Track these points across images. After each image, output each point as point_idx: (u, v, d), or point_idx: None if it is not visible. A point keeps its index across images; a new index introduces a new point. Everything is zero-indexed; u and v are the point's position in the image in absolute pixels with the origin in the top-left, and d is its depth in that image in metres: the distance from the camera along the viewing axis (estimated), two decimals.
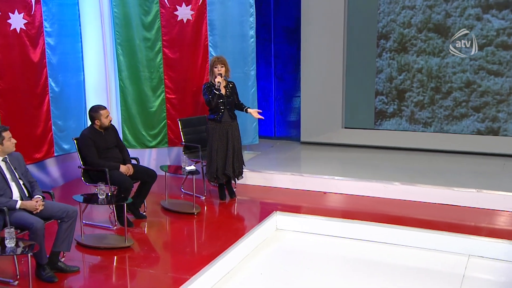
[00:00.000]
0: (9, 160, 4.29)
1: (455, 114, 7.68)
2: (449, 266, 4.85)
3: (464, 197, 5.89)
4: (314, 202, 6.18)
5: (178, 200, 6.19)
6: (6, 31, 5.91)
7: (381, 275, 4.71)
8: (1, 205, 4.09)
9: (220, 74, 5.80)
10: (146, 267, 4.49)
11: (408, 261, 4.99)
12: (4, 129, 4.24)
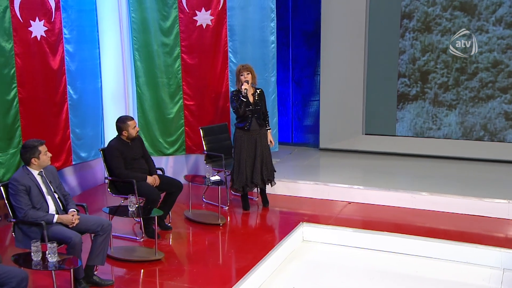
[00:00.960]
0: (44, 174, 4.51)
1: (481, 96, 7.85)
2: (484, 280, 5.08)
3: (494, 208, 6.11)
4: (340, 213, 6.42)
5: (202, 211, 6.42)
6: (28, 39, 6.13)
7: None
8: (39, 219, 4.32)
9: (247, 81, 5.99)
10: (180, 281, 4.72)
11: (440, 275, 5.24)
12: (40, 143, 4.46)
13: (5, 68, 5.89)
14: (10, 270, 3.73)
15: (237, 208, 6.57)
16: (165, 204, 5.73)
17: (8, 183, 4.45)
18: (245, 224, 6.16)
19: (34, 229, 4.35)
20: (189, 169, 7.75)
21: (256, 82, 6.25)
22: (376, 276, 5.21)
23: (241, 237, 5.76)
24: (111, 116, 7.45)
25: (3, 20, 5.81)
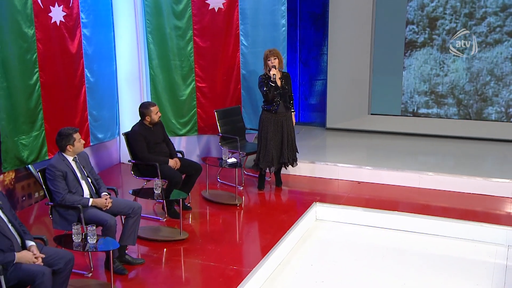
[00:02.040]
0: (78, 159, 4.79)
1: (488, 41, 8.10)
2: (490, 257, 5.45)
3: (499, 187, 6.49)
4: (350, 192, 6.74)
5: (218, 191, 6.73)
6: (48, 24, 6.32)
7: (425, 265, 5.31)
8: (76, 203, 4.62)
9: (274, 66, 6.23)
10: (206, 260, 5.05)
11: (449, 252, 5.59)
12: (75, 131, 4.73)
13: (27, 53, 6.09)
14: (58, 252, 4.03)
15: (251, 187, 6.89)
16: (185, 186, 6.02)
17: (45, 168, 4.70)
18: (261, 204, 6.48)
19: (71, 212, 4.65)
20: (201, 149, 8.03)
21: (283, 66, 6.45)
22: (387, 254, 5.57)
23: (258, 217, 6.08)
24: (126, 98, 7.74)
25: (25, 7, 5.98)
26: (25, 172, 6.36)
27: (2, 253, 3.74)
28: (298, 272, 5.18)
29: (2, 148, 5.89)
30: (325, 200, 6.47)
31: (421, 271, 5.22)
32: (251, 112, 7.70)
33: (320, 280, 5.02)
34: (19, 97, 6.05)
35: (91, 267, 4.79)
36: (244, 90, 7.68)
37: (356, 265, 5.32)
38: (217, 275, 4.82)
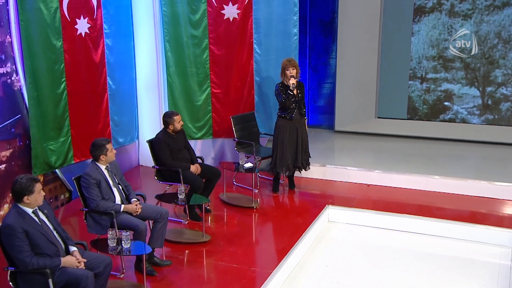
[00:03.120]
0: (110, 168, 5.06)
1: (496, 4, 8.26)
2: (495, 258, 5.72)
3: (504, 190, 6.75)
4: (360, 194, 7.00)
5: (235, 194, 6.99)
6: (74, 36, 6.57)
7: (433, 266, 5.57)
8: (109, 209, 4.89)
9: (293, 76, 6.49)
10: (230, 262, 5.32)
11: (456, 253, 5.85)
12: (107, 141, 5.00)
13: (55, 64, 6.35)
14: (98, 257, 4.30)
15: (265, 190, 7.16)
16: (205, 190, 6.29)
17: (80, 176, 4.98)
18: (276, 206, 6.75)
19: (104, 218, 4.92)
20: (215, 152, 8.28)
21: (299, 76, 6.73)
22: (397, 255, 5.84)
23: (274, 219, 6.35)
24: (145, 103, 8.01)
25: (54, 20, 6.24)
26: (52, 176, 6.64)
27: (49, 258, 4.01)
28: (314, 273, 5.45)
29: (32, 153, 6.16)
30: (337, 202, 6.73)
31: (429, 271, 5.48)
32: (264, 117, 7.94)
33: (336, 281, 5.29)
34: (47, 105, 6.31)
35: (123, 268, 5.06)
36: (258, 96, 7.91)
37: (368, 266, 5.59)
38: (240, 277, 5.08)
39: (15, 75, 5.96)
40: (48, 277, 3.94)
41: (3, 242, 3.98)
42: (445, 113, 8.84)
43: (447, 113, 8.84)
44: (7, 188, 5.77)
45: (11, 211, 4.01)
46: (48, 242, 4.03)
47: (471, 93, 8.67)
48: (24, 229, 3.93)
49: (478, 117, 8.67)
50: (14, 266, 4.02)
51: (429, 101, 8.87)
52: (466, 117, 8.74)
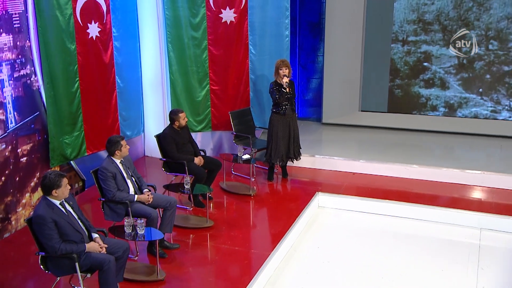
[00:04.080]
0: (124, 162, 5.24)
1: None
2: (466, 238, 5.97)
3: (473, 178, 7.01)
4: (346, 182, 7.22)
5: (233, 182, 7.18)
6: (86, 40, 6.70)
7: (412, 246, 5.81)
8: (124, 199, 5.07)
9: (286, 75, 6.67)
10: (231, 245, 5.53)
11: (432, 234, 6.08)
12: (122, 138, 5.17)
13: (70, 65, 6.48)
14: (117, 242, 4.50)
15: (260, 178, 7.35)
16: (208, 179, 6.47)
17: (97, 170, 5.15)
18: (271, 193, 6.95)
19: (119, 207, 5.11)
20: (214, 143, 8.45)
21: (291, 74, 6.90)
22: (381, 236, 6.06)
23: (270, 206, 6.55)
24: (150, 100, 8.15)
25: (68, 25, 6.36)
26: (67, 167, 6.79)
27: (75, 244, 4.20)
28: (307, 254, 5.67)
29: (50, 147, 6.31)
30: (325, 189, 6.93)
31: (409, 251, 5.71)
32: (259, 112, 8.12)
33: (327, 261, 5.52)
34: (63, 103, 6.45)
35: (137, 251, 5.26)
36: (253, 93, 8.08)
37: (355, 246, 5.82)
38: (241, 258, 5.30)
39: (34, 76, 6.08)
40: (75, 261, 4.14)
41: (35, 230, 4.17)
42: (424, 73, 8.92)
43: (426, 73, 8.92)
44: (29, 178, 5.97)
45: (41, 203, 4.19)
46: (74, 230, 4.22)
47: (448, 53, 8.76)
48: (53, 219, 4.11)
49: (454, 75, 8.77)
50: (44, 252, 4.21)
51: (410, 62, 8.94)
52: (443, 76, 8.81)
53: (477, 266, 5.39)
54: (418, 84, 8.95)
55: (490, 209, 6.32)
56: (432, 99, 8.96)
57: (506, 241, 5.92)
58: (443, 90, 8.87)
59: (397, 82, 9.02)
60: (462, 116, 8.81)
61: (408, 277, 5.21)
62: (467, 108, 8.81)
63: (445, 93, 8.86)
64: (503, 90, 8.55)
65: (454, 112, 8.88)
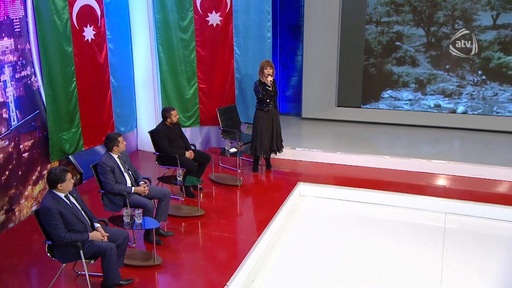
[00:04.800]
0: (121, 157, 5.32)
1: None
2: (431, 221, 6.18)
3: (438, 167, 7.21)
4: (325, 172, 7.38)
5: (221, 174, 7.29)
6: (82, 42, 6.72)
7: (385, 229, 6.01)
8: (122, 191, 5.16)
9: (270, 74, 6.80)
10: (221, 232, 5.65)
11: (402, 218, 6.29)
12: (119, 135, 5.25)
13: (67, 66, 6.51)
14: (117, 231, 4.59)
15: (246, 170, 7.47)
16: (198, 172, 6.57)
17: (97, 164, 5.23)
18: (256, 184, 7.07)
19: (118, 198, 5.20)
20: (202, 138, 8.53)
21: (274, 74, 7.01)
22: (356, 221, 6.24)
23: (255, 195, 6.67)
24: (142, 97, 8.20)
25: (65, 29, 6.38)
26: (66, 161, 6.83)
27: (79, 233, 4.29)
28: (290, 239, 5.82)
29: (50, 143, 6.35)
30: (306, 179, 7.07)
31: (382, 234, 5.90)
32: (243, 108, 8.22)
33: (308, 244, 5.68)
34: (61, 102, 6.48)
35: (135, 239, 5.36)
36: (238, 90, 8.17)
37: (334, 231, 5.99)
38: (231, 244, 5.42)
39: (34, 77, 6.11)
40: (79, 248, 4.23)
41: (42, 221, 4.24)
42: (396, 52, 9.05)
43: (398, 51, 9.04)
44: (31, 172, 6.01)
45: (47, 196, 4.26)
46: (78, 220, 4.30)
47: (418, 33, 8.87)
48: (59, 210, 4.19)
49: (423, 54, 8.90)
50: (51, 240, 4.29)
51: (383, 42, 9.07)
52: (413, 54, 8.94)
53: (443, 247, 5.60)
54: (391, 62, 9.06)
55: (453, 195, 6.54)
56: (404, 76, 9.10)
57: (468, 223, 6.16)
58: (413, 67, 9.00)
59: (371, 61, 9.12)
60: (430, 92, 8.94)
61: (381, 258, 5.39)
62: (436, 84, 8.97)
63: (415, 70, 9.00)
64: (467, 66, 8.70)
65: (424, 88, 9.01)
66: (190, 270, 4.95)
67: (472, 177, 7.08)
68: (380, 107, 9.30)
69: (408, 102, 9.11)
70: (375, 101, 9.30)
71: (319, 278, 5.04)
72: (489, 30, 8.49)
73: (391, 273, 5.11)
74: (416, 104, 9.09)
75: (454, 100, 8.85)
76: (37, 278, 4.80)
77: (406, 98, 9.11)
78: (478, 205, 6.30)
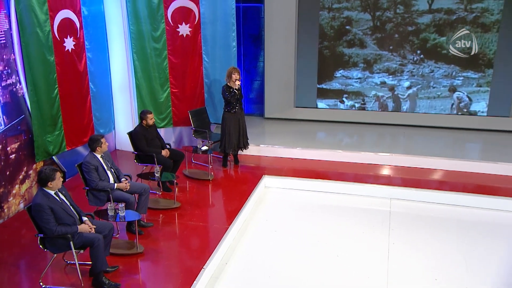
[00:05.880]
0: (104, 156, 5.34)
1: None
2: (378, 206, 6.43)
3: (383, 159, 7.50)
4: (287, 166, 7.54)
5: (194, 170, 7.35)
6: (63, 52, 6.65)
7: (339, 215, 6.24)
8: (106, 187, 5.18)
9: (237, 79, 6.91)
10: (196, 221, 5.74)
11: (352, 204, 6.51)
12: (102, 136, 5.27)
13: (49, 74, 6.43)
14: (103, 223, 4.63)
15: (216, 165, 7.56)
16: (173, 168, 6.63)
17: (82, 163, 5.22)
18: (226, 178, 7.17)
19: (102, 194, 5.21)
20: (175, 137, 8.56)
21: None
22: (316, 208, 6.44)
23: (226, 188, 6.77)
24: (119, 102, 8.16)
25: (47, 40, 6.30)
26: (50, 161, 6.75)
27: (69, 226, 4.31)
28: (258, 226, 5.96)
29: (35, 145, 6.27)
30: (270, 172, 7.21)
31: (337, 219, 6.12)
32: (212, 110, 8.30)
33: (274, 230, 5.84)
34: (45, 107, 6.39)
35: (118, 230, 5.39)
36: (207, 94, 8.24)
37: (296, 218, 6.16)
38: (206, 232, 5.52)
39: (19, 85, 6.02)
40: (69, 240, 4.25)
41: (34, 216, 4.24)
42: (347, 35, 9.20)
43: (348, 35, 9.19)
44: (18, 172, 5.94)
45: (38, 193, 4.26)
46: (67, 214, 4.32)
47: (365, 17, 8.91)
48: (50, 206, 4.20)
49: (370, 36, 9.08)
50: (42, 233, 4.29)
51: (335, 26, 9.19)
52: (362, 37, 9.10)
53: (389, 228, 5.86)
54: (342, 44, 9.22)
55: (397, 183, 6.82)
56: (353, 57, 9.27)
57: (410, 207, 6.46)
58: (362, 48, 9.18)
59: (325, 44, 9.26)
60: (376, 70, 9.12)
61: (337, 239, 5.61)
62: (381, 63, 9.17)
63: (363, 51, 9.18)
64: (408, 46, 8.96)
65: (371, 67, 9.19)
66: (169, 256, 5.01)
67: (412, 167, 7.39)
68: (334, 85, 9.40)
69: (358, 80, 9.28)
70: (329, 80, 9.43)
71: (284, 259, 5.20)
72: (425, 14, 8.74)
73: (346, 252, 5.32)
74: (364, 82, 9.27)
75: (397, 77, 9.08)
76: (29, 268, 4.78)
77: (356, 77, 9.29)
78: (418, 191, 6.59)
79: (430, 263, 5.07)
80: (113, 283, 4.39)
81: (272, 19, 9.10)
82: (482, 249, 5.34)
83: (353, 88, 9.37)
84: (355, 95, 9.40)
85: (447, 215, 6.17)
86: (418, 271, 4.94)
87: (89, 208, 5.23)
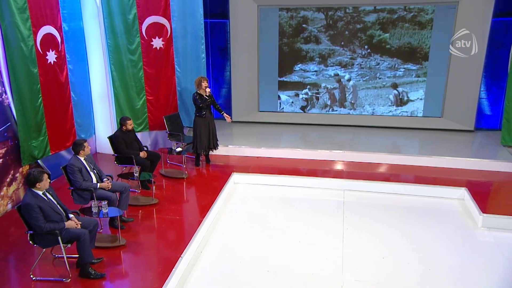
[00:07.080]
0: (87, 159, 5.31)
1: None
2: (333, 197, 6.63)
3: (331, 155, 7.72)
4: (253, 164, 7.64)
5: (169, 169, 7.36)
6: (45, 64, 6.55)
7: (301, 206, 6.38)
8: (89, 187, 5.16)
9: (207, 86, 6.96)
10: (173, 215, 5.78)
11: (310, 196, 6.66)
12: (84, 140, 5.23)
13: (33, 85, 6.32)
14: (88, 220, 4.61)
15: (190, 165, 7.60)
16: (151, 168, 6.63)
17: (66, 166, 5.18)
18: (199, 176, 7.22)
19: (86, 193, 5.18)
20: (151, 140, 8.53)
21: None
22: (280, 201, 6.54)
23: (199, 185, 6.82)
24: (98, 109, 8.08)
25: (31, 53, 6.20)
26: (35, 164, 6.62)
27: (57, 223, 4.28)
28: (229, 218, 6.03)
29: (21, 150, 6.16)
30: (238, 170, 7.29)
31: (298, 209, 6.26)
32: (185, 115, 8.34)
33: (243, 221, 5.94)
34: (29, 115, 6.28)
35: (101, 225, 5.36)
36: (179, 100, 8.27)
37: (262, 210, 6.26)
38: (181, 224, 5.56)
39: (5, 95, 5.90)
40: (57, 235, 4.22)
41: (24, 215, 4.19)
42: (304, 32, 9.29)
43: (305, 32, 9.28)
44: (5, 175, 5.82)
45: (27, 194, 4.21)
46: (55, 212, 4.29)
47: (319, 16, 8.95)
48: (38, 205, 4.17)
49: (324, 33, 9.19)
50: (32, 230, 4.24)
51: (293, 25, 9.27)
52: (317, 34, 9.18)
53: (343, 215, 6.07)
54: (299, 41, 9.32)
55: (349, 176, 7.06)
56: (310, 52, 9.38)
57: (360, 197, 6.71)
58: (317, 44, 9.29)
59: (284, 40, 9.35)
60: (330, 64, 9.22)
61: (299, 227, 5.75)
62: (334, 57, 9.30)
63: (318, 47, 9.31)
64: (357, 42, 9.16)
65: (326, 61, 9.31)
66: (149, 248, 5.03)
67: (362, 162, 7.66)
68: (293, 78, 9.50)
69: (314, 73, 9.40)
70: (289, 73, 9.52)
71: (253, 246, 5.30)
72: (371, 13, 8.98)
73: (307, 238, 5.48)
74: (320, 74, 9.40)
75: (348, 69, 9.28)
76: (19, 263, 4.71)
77: (312, 70, 9.42)
78: (367, 182, 6.82)
79: (378, 244, 5.31)
80: (99, 273, 4.39)
81: (236, 33, 9.22)
82: (421, 230, 5.63)
83: (310, 80, 9.48)
84: (313, 86, 9.54)
85: (392, 203, 6.45)
86: (368, 251, 5.16)
87: (74, 207, 5.19)
